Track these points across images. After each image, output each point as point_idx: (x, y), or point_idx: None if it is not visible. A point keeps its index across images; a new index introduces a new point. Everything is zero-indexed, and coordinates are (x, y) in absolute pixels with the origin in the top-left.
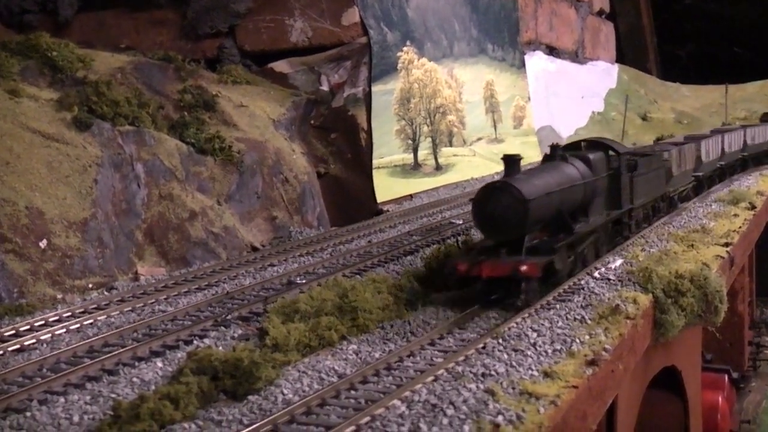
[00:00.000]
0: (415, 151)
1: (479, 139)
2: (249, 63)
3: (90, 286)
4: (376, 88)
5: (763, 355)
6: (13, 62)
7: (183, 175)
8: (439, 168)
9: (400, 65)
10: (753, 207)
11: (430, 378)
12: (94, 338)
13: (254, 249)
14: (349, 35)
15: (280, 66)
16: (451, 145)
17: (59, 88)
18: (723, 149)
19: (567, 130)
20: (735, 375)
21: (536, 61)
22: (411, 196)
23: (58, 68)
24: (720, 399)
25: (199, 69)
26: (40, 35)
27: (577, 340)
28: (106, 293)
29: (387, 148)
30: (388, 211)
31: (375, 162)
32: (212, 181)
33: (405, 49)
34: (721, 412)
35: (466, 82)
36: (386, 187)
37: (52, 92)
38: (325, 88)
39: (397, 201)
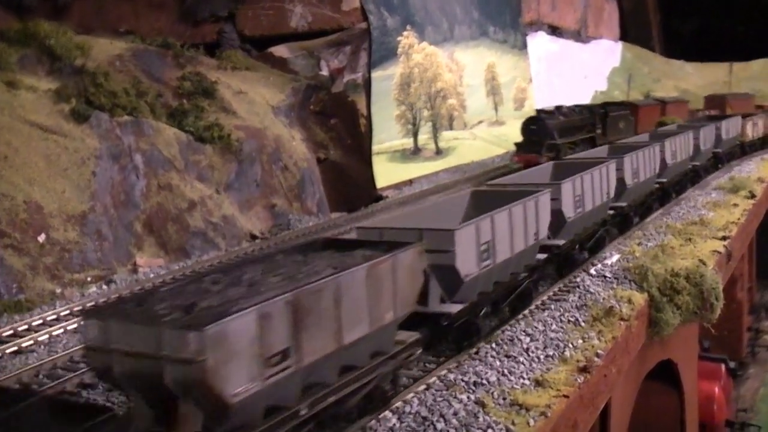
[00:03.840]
0: (415, 135)
1: (480, 122)
2: (249, 48)
3: (89, 279)
4: (375, 74)
5: (762, 341)
6: (11, 52)
7: (182, 165)
8: (439, 152)
9: (400, 50)
10: (753, 196)
11: (422, 387)
12: None
13: (253, 237)
14: (349, 20)
15: (280, 51)
16: (451, 129)
17: (58, 76)
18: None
19: None
20: (732, 364)
21: (538, 41)
22: (411, 181)
23: (57, 56)
24: (716, 389)
25: (199, 55)
26: (39, 23)
27: (570, 345)
28: (104, 287)
29: (387, 134)
30: (387, 197)
31: (375, 148)
32: (211, 169)
33: (405, 33)
34: (717, 403)
35: (467, 65)
36: (386, 173)
37: (50, 81)
38: (324, 73)
39: (397, 186)
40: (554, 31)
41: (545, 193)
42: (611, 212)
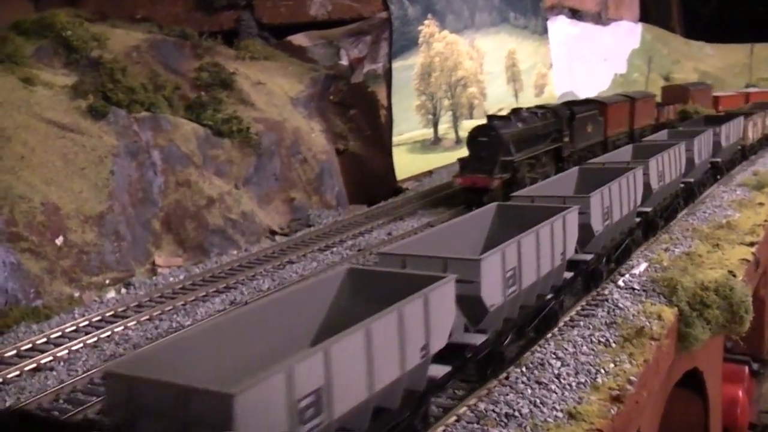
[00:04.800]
0: (435, 125)
1: (500, 109)
2: (267, 36)
3: (107, 282)
4: (396, 64)
5: None
6: (27, 45)
7: (200, 160)
8: (459, 141)
9: (421, 39)
10: None
11: (453, 419)
12: (111, 361)
13: (272, 233)
14: (370, 10)
15: (299, 39)
16: (471, 118)
17: (74, 68)
18: None
19: (589, 95)
20: (755, 366)
21: (559, 25)
22: (431, 172)
23: (73, 48)
24: (740, 392)
25: (216, 45)
26: (55, 14)
27: (602, 370)
28: (123, 290)
29: (407, 125)
30: (407, 189)
31: (395, 139)
32: (230, 164)
33: (426, 22)
34: (740, 407)
35: (488, 52)
36: (406, 164)
37: (67, 74)
38: (344, 62)
39: (417, 178)
40: (575, 14)
41: (447, 282)
42: (570, 274)
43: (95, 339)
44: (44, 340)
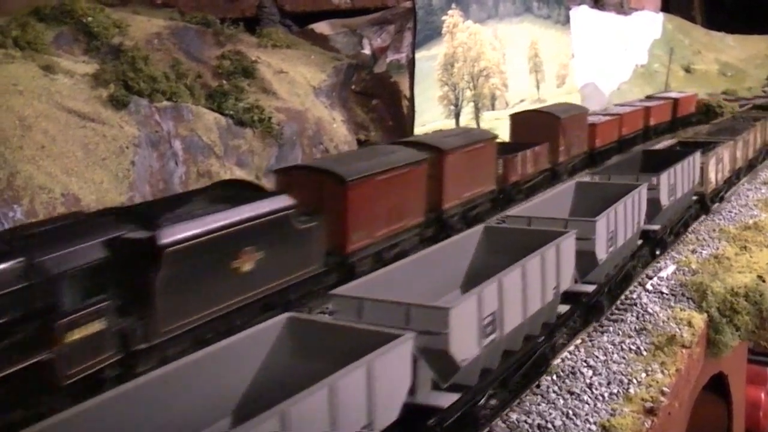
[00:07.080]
0: (457, 116)
1: (522, 100)
2: (289, 23)
3: None
4: (419, 54)
5: None
6: (47, 32)
7: (221, 151)
8: None
9: (444, 29)
10: None
11: (485, 430)
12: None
13: None
14: None
15: (321, 27)
16: (493, 109)
17: (95, 55)
18: None
19: (610, 86)
20: None
21: (581, 15)
22: None
23: (93, 35)
24: (762, 395)
25: (238, 33)
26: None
27: (634, 380)
28: None
29: (429, 115)
30: None
31: (417, 129)
32: (251, 154)
33: (450, 12)
34: (763, 409)
35: (511, 42)
36: None
37: (87, 61)
38: (367, 51)
39: None
40: (596, 3)
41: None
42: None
43: None
44: None
